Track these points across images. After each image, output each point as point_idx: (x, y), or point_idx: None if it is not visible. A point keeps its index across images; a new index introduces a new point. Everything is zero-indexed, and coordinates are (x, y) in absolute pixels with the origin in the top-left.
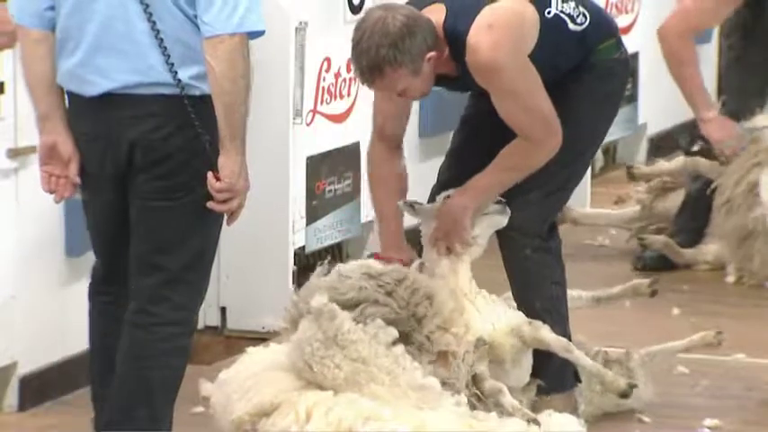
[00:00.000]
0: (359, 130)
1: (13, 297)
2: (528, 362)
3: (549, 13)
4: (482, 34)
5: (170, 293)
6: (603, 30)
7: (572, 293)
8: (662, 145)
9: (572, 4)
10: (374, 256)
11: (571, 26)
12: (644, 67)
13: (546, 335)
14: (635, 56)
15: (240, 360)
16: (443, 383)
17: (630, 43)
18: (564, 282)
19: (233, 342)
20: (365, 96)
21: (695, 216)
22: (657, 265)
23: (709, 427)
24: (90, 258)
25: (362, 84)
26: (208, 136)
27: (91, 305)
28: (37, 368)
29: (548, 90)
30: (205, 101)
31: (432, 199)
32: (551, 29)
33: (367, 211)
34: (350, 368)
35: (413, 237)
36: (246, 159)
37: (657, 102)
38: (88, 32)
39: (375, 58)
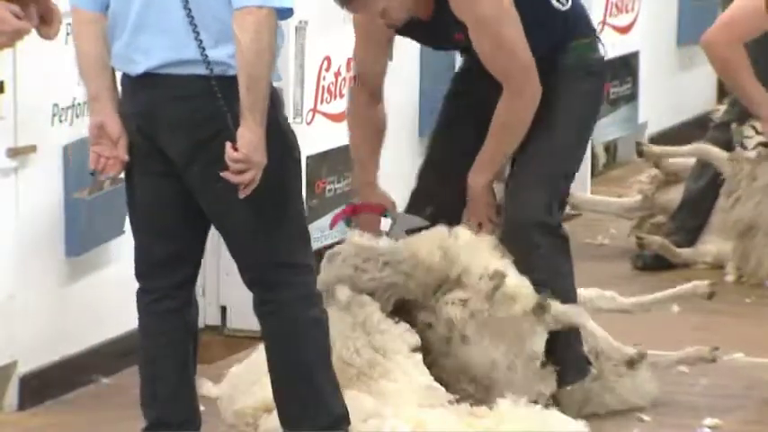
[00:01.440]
0: None
1: (13, 297)
2: (542, 339)
3: None
4: None
5: (273, 278)
6: (584, 24)
7: (605, 294)
8: (662, 144)
9: None
10: (352, 208)
11: (554, 2)
12: (644, 67)
13: (560, 307)
14: (635, 55)
15: (253, 356)
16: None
17: (630, 42)
18: (573, 274)
19: (233, 341)
20: None
21: (695, 215)
22: (657, 264)
23: (709, 427)
24: (90, 258)
25: (342, 8)
26: (226, 108)
27: (138, 308)
28: (37, 367)
29: None
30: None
31: (412, 203)
32: None
33: None
34: (368, 356)
35: None
36: None
37: (657, 101)
38: (132, 13)
39: None
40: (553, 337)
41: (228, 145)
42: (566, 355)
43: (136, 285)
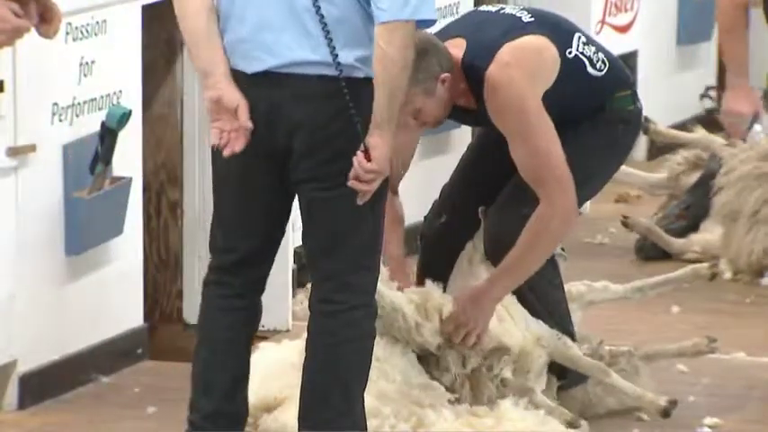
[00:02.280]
0: None
1: (13, 296)
2: (545, 372)
3: (569, 53)
4: (500, 73)
5: (350, 279)
6: (620, 80)
7: (596, 286)
8: (661, 145)
9: (593, 49)
10: None
11: (590, 69)
12: (643, 66)
13: (576, 353)
14: (634, 54)
15: (253, 355)
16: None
17: (629, 42)
18: (561, 283)
19: None
20: None
21: (710, 191)
22: (658, 254)
23: (709, 426)
24: (89, 257)
25: None
26: (359, 117)
27: (207, 300)
28: (37, 366)
29: (557, 128)
30: (367, 83)
31: (433, 207)
32: (571, 69)
33: None
34: None
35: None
36: None
37: (656, 100)
38: (252, 8)
39: None
40: None
41: (360, 154)
42: None
43: (135, 284)
